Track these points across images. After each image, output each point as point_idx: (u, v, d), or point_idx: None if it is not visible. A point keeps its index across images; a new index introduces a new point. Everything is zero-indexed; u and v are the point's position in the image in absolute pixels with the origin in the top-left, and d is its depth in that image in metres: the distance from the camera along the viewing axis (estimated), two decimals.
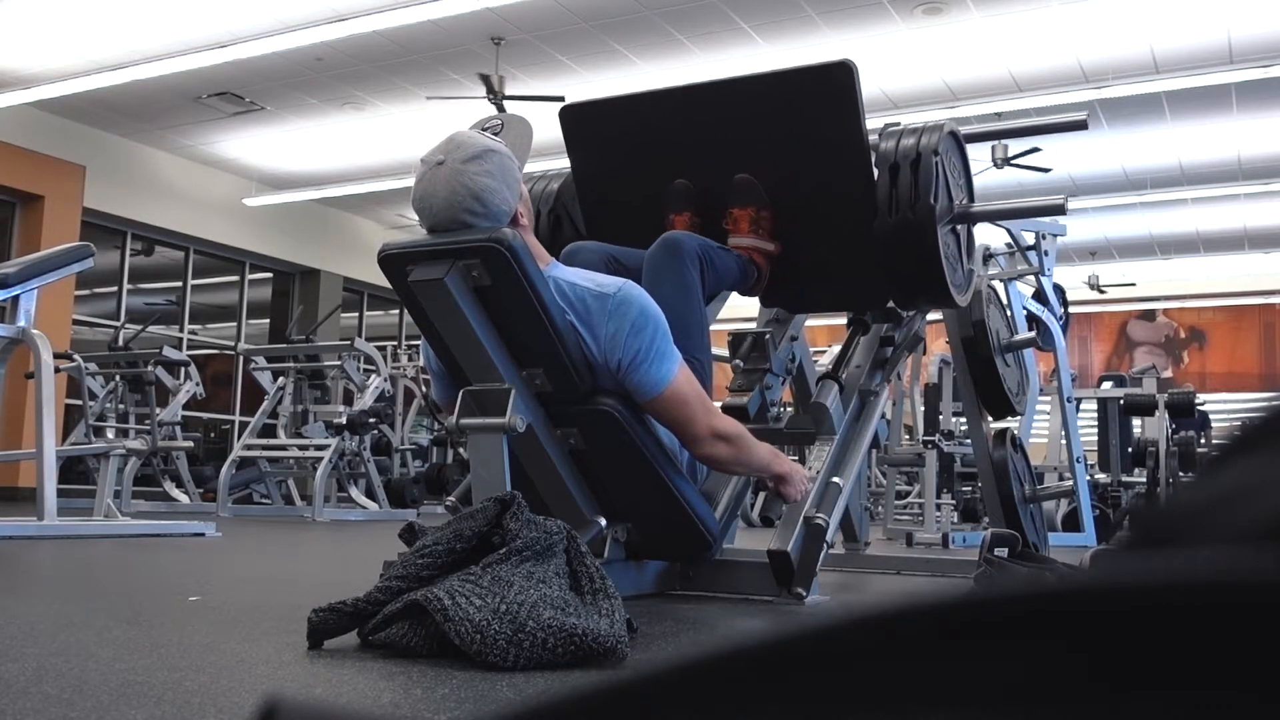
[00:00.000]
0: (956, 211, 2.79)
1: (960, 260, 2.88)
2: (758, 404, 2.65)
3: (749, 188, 2.73)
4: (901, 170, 2.62)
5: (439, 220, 2.08)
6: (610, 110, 2.90)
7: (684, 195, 2.79)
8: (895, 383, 5.82)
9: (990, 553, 2.58)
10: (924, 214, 2.59)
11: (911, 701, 0.22)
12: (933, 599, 0.22)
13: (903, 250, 2.63)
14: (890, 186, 2.62)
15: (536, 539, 1.60)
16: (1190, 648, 0.20)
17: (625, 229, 2.80)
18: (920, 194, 2.60)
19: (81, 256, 4.35)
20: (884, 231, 2.62)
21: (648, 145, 2.85)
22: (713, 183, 2.76)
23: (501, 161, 2.12)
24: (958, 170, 2.84)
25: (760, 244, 2.72)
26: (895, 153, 2.65)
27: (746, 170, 2.73)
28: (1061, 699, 0.21)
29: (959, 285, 2.82)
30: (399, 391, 9.54)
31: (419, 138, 10.36)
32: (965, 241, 2.95)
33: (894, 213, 2.61)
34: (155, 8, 7.71)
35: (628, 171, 2.86)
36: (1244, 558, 0.21)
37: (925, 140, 2.65)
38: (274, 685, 1.28)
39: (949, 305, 2.85)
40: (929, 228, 2.60)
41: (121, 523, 4.49)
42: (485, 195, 2.07)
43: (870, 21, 7.73)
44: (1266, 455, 0.28)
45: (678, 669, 0.24)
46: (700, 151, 2.79)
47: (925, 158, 2.62)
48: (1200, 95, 8.88)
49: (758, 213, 2.72)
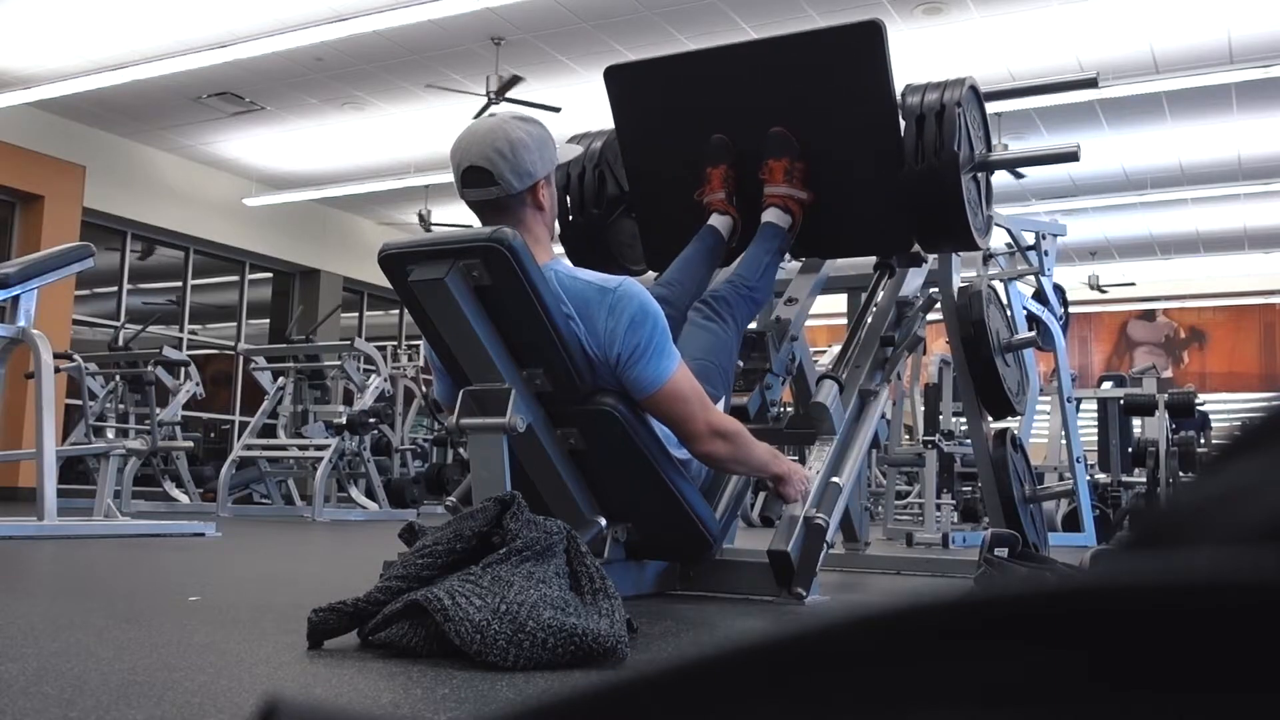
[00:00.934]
0: (977, 160, 2.96)
1: (980, 206, 3.05)
2: (758, 404, 2.66)
3: (784, 140, 2.88)
4: (927, 121, 2.78)
5: (467, 154, 2.18)
6: (652, 71, 3.07)
7: (722, 149, 2.94)
8: (895, 383, 5.81)
9: (990, 553, 2.58)
10: (948, 161, 2.76)
11: (911, 701, 0.22)
12: (933, 599, 0.22)
13: (929, 196, 2.79)
14: (917, 137, 2.79)
15: (536, 539, 1.60)
16: (1190, 648, 0.21)
17: (666, 183, 3.02)
18: (945, 143, 2.76)
19: (81, 256, 4.35)
20: (911, 179, 2.79)
21: (687, 103, 3.00)
22: (750, 137, 2.92)
23: (543, 134, 2.24)
24: (977, 122, 3.01)
25: (795, 192, 2.87)
26: (921, 105, 2.81)
27: (781, 124, 2.88)
28: (1061, 699, 0.21)
29: (980, 229, 2.99)
30: (399, 391, 9.53)
31: (419, 138, 10.36)
32: (984, 189, 3.12)
33: (920, 161, 2.78)
34: (155, 8, 7.71)
35: (668, 128, 3.02)
36: (1244, 558, 0.21)
37: (948, 94, 2.82)
38: (274, 685, 1.28)
39: (971, 248, 3.02)
40: (953, 174, 2.77)
41: (121, 523, 4.49)
42: (518, 147, 2.17)
43: None
44: (1266, 455, 0.28)
45: (678, 669, 0.24)
46: (737, 108, 2.94)
47: (949, 109, 2.78)
48: (1200, 95, 8.87)
49: (792, 164, 2.87)
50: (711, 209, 2.90)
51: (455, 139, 2.24)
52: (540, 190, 2.23)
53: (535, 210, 2.24)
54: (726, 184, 2.91)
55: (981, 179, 3.08)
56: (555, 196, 2.34)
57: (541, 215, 2.26)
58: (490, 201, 2.21)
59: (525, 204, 2.22)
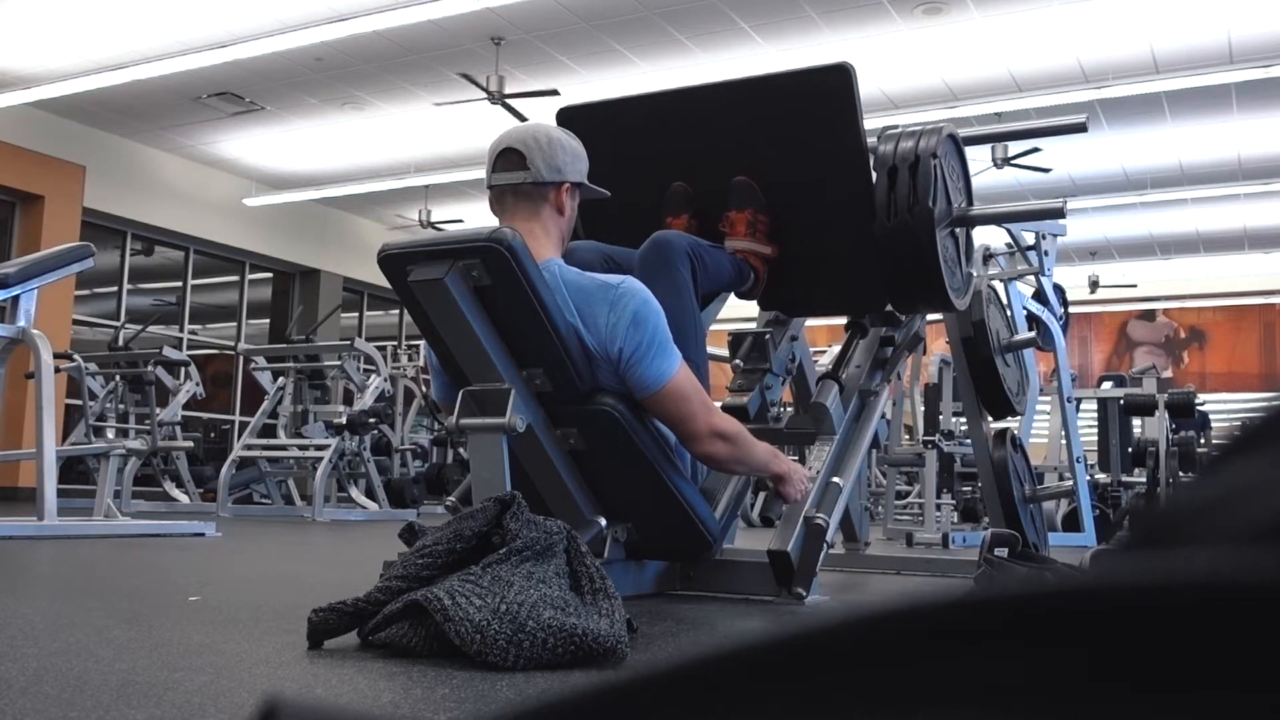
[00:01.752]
0: (955, 215, 2.77)
1: (959, 264, 2.87)
2: (758, 404, 2.65)
3: (746, 190, 2.72)
4: (900, 173, 2.60)
5: (506, 139, 2.27)
6: (608, 112, 2.90)
7: (682, 198, 2.79)
8: (895, 383, 5.81)
9: (990, 553, 2.58)
10: (922, 218, 2.58)
11: (912, 702, 0.22)
12: (932, 599, 0.22)
13: (901, 254, 2.61)
14: (888, 190, 2.61)
15: (536, 539, 1.60)
16: (1190, 648, 0.21)
17: (624, 231, 2.77)
18: (919, 197, 2.58)
19: (81, 256, 4.35)
20: (882, 235, 2.61)
21: (645, 147, 2.85)
22: (711, 185, 2.75)
23: (580, 149, 2.33)
24: (956, 173, 2.83)
25: (757, 247, 2.72)
26: (894, 155, 2.63)
27: (744, 173, 2.73)
28: (1061, 699, 0.21)
29: (957, 289, 2.81)
30: (399, 391, 9.54)
31: (419, 138, 10.36)
32: (964, 245, 2.94)
33: (892, 216, 2.59)
34: (155, 8, 7.71)
35: (626, 174, 2.83)
36: (1244, 558, 0.21)
37: (924, 143, 2.63)
38: (274, 685, 1.28)
39: (947, 309, 2.84)
40: (927, 232, 2.58)
41: (121, 523, 4.49)
42: (555, 144, 2.25)
43: (870, 21, 7.73)
44: (1266, 455, 0.28)
45: (678, 669, 0.24)
46: (698, 154, 2.79)
47: (924, 161, 2.60)
48: (1200, 95, 8.87)
49: (755, 215, 2.71)
50: None
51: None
52: (563, 194, 2.26)
53: (555, 211, 2.26)
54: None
55: (960, 234, 2.88)
56: (575, 213, 2.34)
57: (558, 220, 2.28)
58: (514, 187, 2.24)
59: (548, 200, 2.25)
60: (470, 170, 10.96)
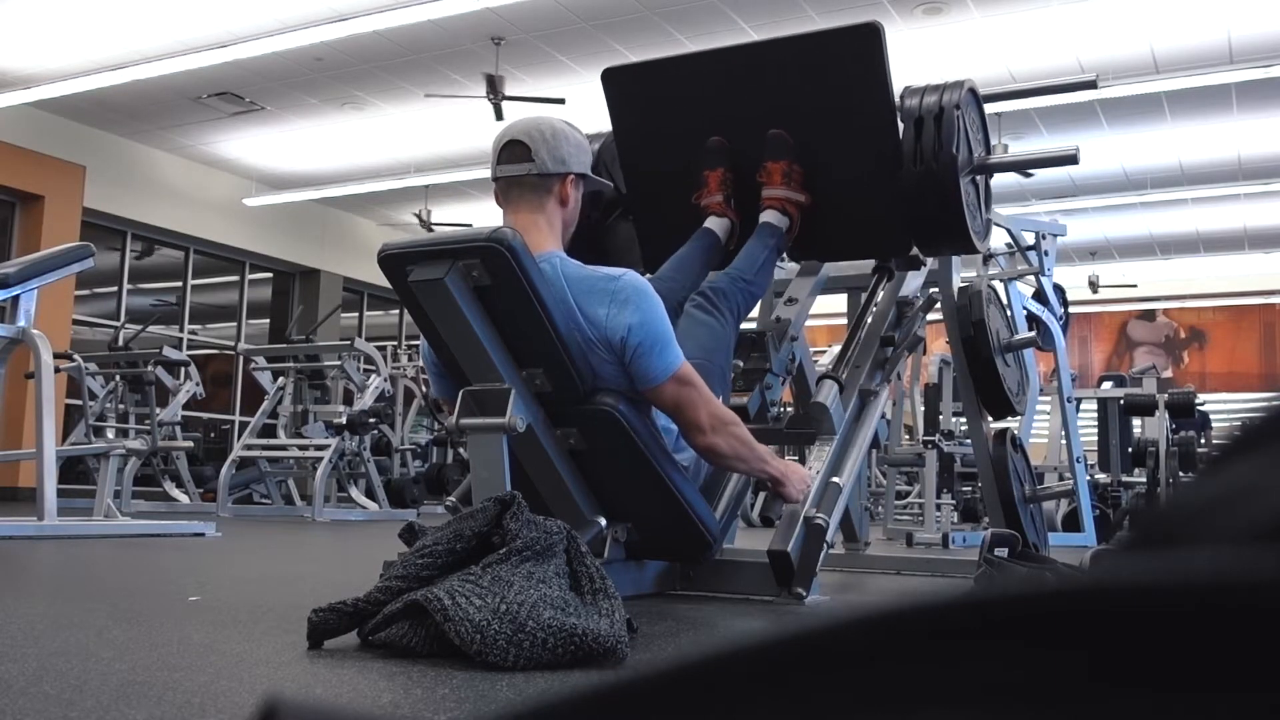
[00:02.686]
0: (976, 163, 2.94)
1: (979, 209, 3.03)
2: (758, 404, 2.66)
3: (781, 142, 2.87)
4: (925, 124, 2.76)
5: (510, 131, 2.29)
6: (649, 73, 3.05)
7: (719, 152, 2.93)
8: (895, 383, 5.81)
9: (990, 553, 2.58)
10: (947, 164, 2.74)
11: (912, 702, 0.22)
12: (932, 599, 0.22)
13: (927, 199, 2.77)
14: (915, 140, 2.77)
15: (536, 539, 1.60)
16: (1190, 648, 0.21)
17: (664, 186, 3.00)
18: (943, 146, 2.74)
19: (81, 256, 4.35)
20: (910, 182, 2.77)
21: (685, 106, 2.98)
22: (747, 139, 2.90)
23: (584, 140, 2.36)
24: (976, 125, 2.99)
25: (792, 195, 2.86)
26: (920, 108, 2.79)
27: (779, 127, 2.87)
28: (1061, 699, 0.21)
29: (978, 232, 2.97)
30: (399, 391, 9.53)
31: (419, 138, 10.36)
32: (983, 192, 3.09)
33: (919, 164, 2.76)
34: (155, 8, 7.71)
35: (666, 131, 3.00)
36: (1244, 558, 0.21)
37: (947, 96, 2.80)
38: (274, 685, 1.28)
39: (970, 250, 3.00)
40: (952, 177, 2.75)
41: (121, 523, 4.49)
42: (559, 135, 2.27)
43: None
44: (1266, 455, 0.28)
45: (678, 669, 0.24)
46: (735, 110, 2.93)
47: (948, 112, 2.76)
48: (1200, 95, 8.87)
49: (790, 166, 2.86)
50: (709, 211, 2.90)
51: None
52: (568, 185, 2.29)
53: (558, 203, 2.28)
54: (724, 187, 2.91)
55: (980, 182, 3.07)
56: (579, 204, 2.35)
57: (562, 211, 2.30)
58: (519, 179, 2.26)
59: (551, 191, 2.27)
60: (470, 170, 10.95)
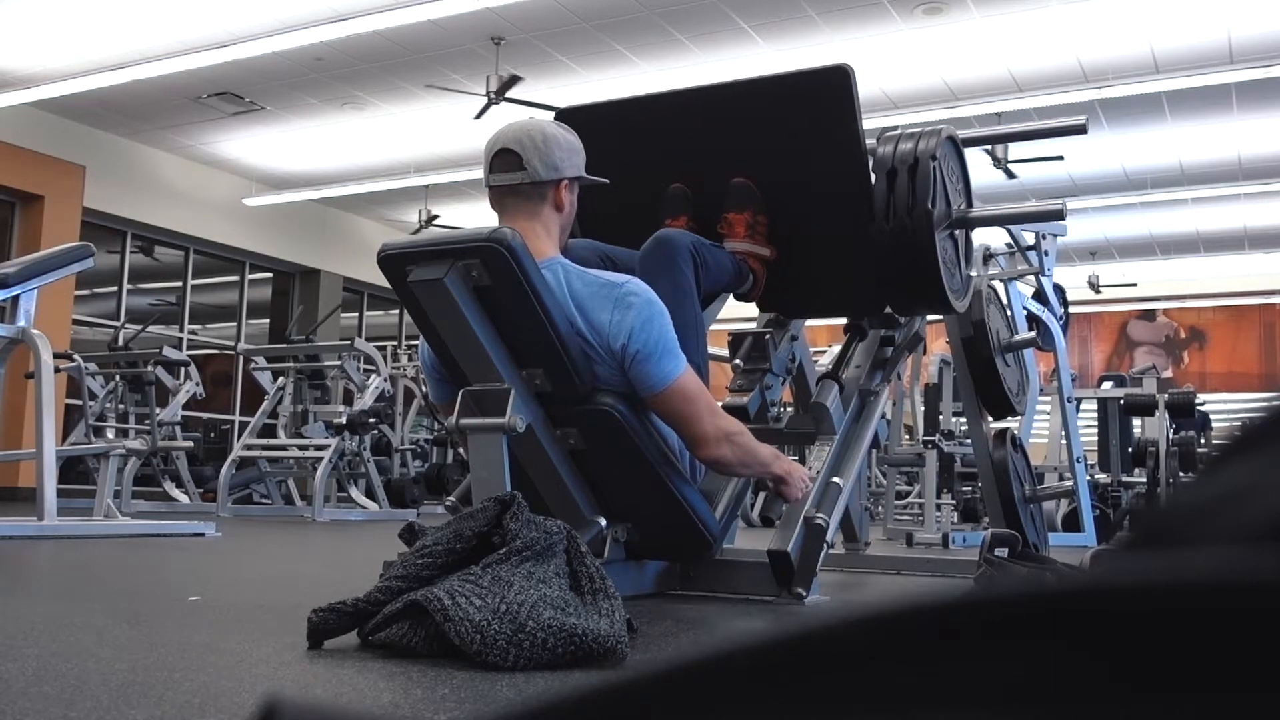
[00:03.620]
0: (954, 217, 2.77)
1: (958, 266, 2.87)
2: (758, 404, 2.65)
3: (745, 191, 2.72)
4: (899, 175, 2.60)
5: (500, 138, 2.25)
6: (606, 114, 2.89)
7: (680, 199, 2.79)
8: (895, 383, 5.81)
9: (990, 553, 2.58)
10: (921, 220, 2.57)
11: (912, 702, 0.22)
12: (933, 599, 0.22)
13: (900, 256, 2.61)
14: (887, 192, 2.60)
15: (536, 539, 1.60)
16: (1191, 648, 0.20)
17: (623, 233, 2.76)
18: (918, 199, 2.57)
19: (81, 256, 4.35)
20: (881, 237, 2.60)
21: (644, 149, 2.85)
22: (710, 186, 2.75)
23: (577, 143, 2.31)
24: (956, 175, 2.83)
25: (756, 249, 2.72)
26: (893, 157, 2.62)
27: (744, 174, 2.73)
28: (1062, 699, 0.21)
29: (956, 291, 2.80)
30: (399, 391, 9.53)
31: (419, 138, 10.36)
32: (963, 247, 2.93)
33: (891, 218, 2.59)
34: (155, 8, 7.71)
35: (625, 175, 2.81)
36: (1244, 558, 0.21)
37: (923, 145, 2.63)
38: (274, 685, 1.28)
39: (946, 311, 2.84)
40: (926, 234, 2.58)
41: (121, 523, 4.49)
42: (550, 141, 2.23)
43: (870, 21, 7.73)
44: (1266, 455, 0.28)
45: (678, 669, 0.24)
46: (697, 155, 2.79)
47: (923, 163, 2.59)
48: (1200, 95, 8.87)
49: (754, 217, 2.72)
50: None
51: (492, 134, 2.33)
52: (562, 190, 2.26)
53: (553, 209, 2.26)
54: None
55: (959, 236, 2.89)
56: (575, 207, 2.33)
57: (558, 216, 2.28)
58: (513, 188, 2.23)
59: (545, 198, 2.25)
60: (470, 170, 10.95)
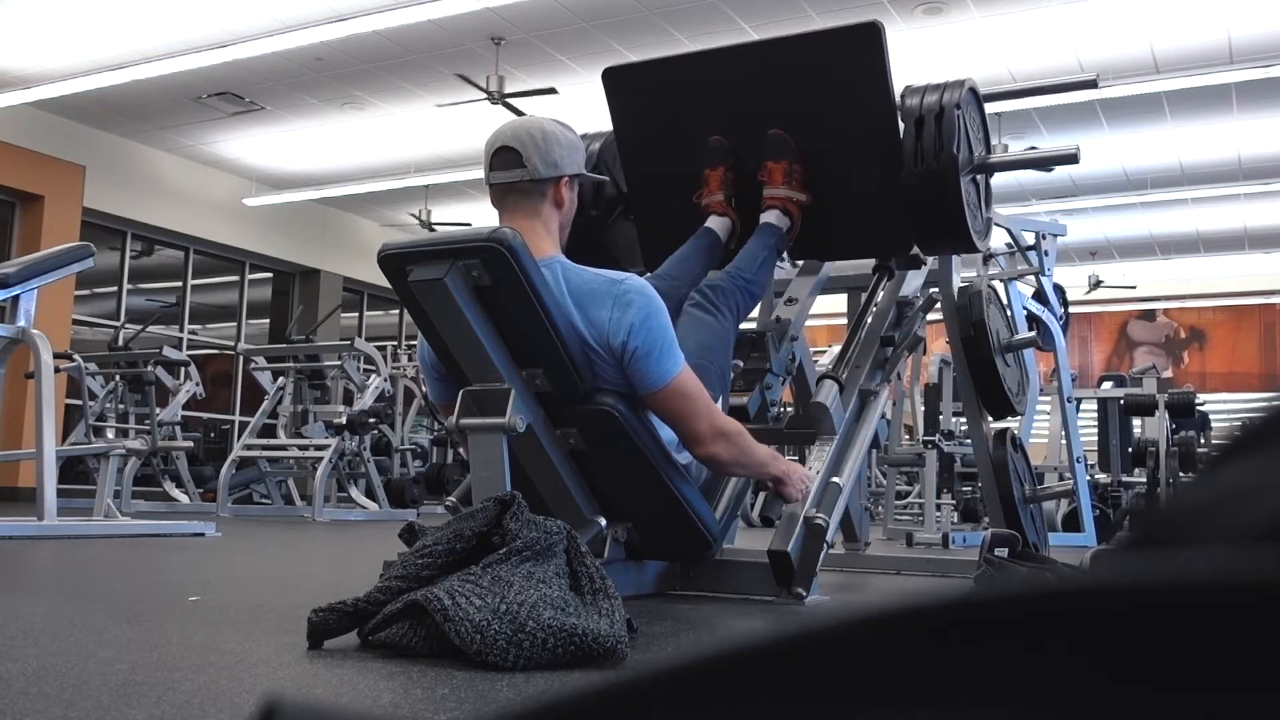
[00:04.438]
0: (976, 162, 2.95)
1: (980, 208, 3.03)
2: (758, 404, 2.66)
3: (782, 142, 2.88)
4: (926, 124, 2.77)
5: (500, 136, 2.26)
6: (650, 72, 3.05)
7: (720, 151, 2.94)
8: (895, 383, 5.81)
9: (990, 553, 2.58)
10: (948, 164, 2.74)
11: (912, 702, 0.22)
12: (933, 599, 0.22)
13: (928, 199, 2.77)
14: (916, 139, 2.77)
15: (536, 539, 1.60)
16: (1190, 648, 0.20)
17: (664, 185, 3.00)
18: (944, 145, 2.74)
19: (81, 256, 4.35)
20: (910, 181, 2.77)
21: (685, 105, 2.98)
22: (748, 139, 2.91)
23: (577, 140, 2.33)
24: (976, 124, 2.99)
25: (794, 194, 2.87)
26: (920, 107, 2.79)
27: (779, 126, 2.87)
28: (1061, 699, 0.21)
29: (979, 231, 2.97)
30: (399, 391, 9.53)
31: (419, 138, 10.36)
32: (984, 191, 3.09)
33: (919, 163, 2.76)
34: (155, 8, 7.71)
35: (667, 130, 3.01)
36: (1244, 558, 0.21)
37: (948, 96, 2.80)
38: (274, 685, 1.28)
39: (970, 250, 3.00)
40: (953, 177, 2.75)
41: (121, 523, 4.49)
42: (550, 138, 2.25)
43: None
44: (1266, 455, 0.28)
45: (678, 669, 0.24)
46: (736, 110, 2.93)
47: (948, 112, 2.76)
48: (1200, 95, 8.87)
49: (790, 165, 2.87)
50: (710, 211, 2.90)
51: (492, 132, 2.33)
52: (562, 187, 2.27)
53: (554, 206, 2.28)
54: (725, 186, 2.91)
55: (981, 181, 3.07)
56: (575, 204, 2.35)
57: (558, 213, 2.29)
58: (513, 185, 2.24)
59: (545, 196, 2.26)
60: (470, 170, 10.95)
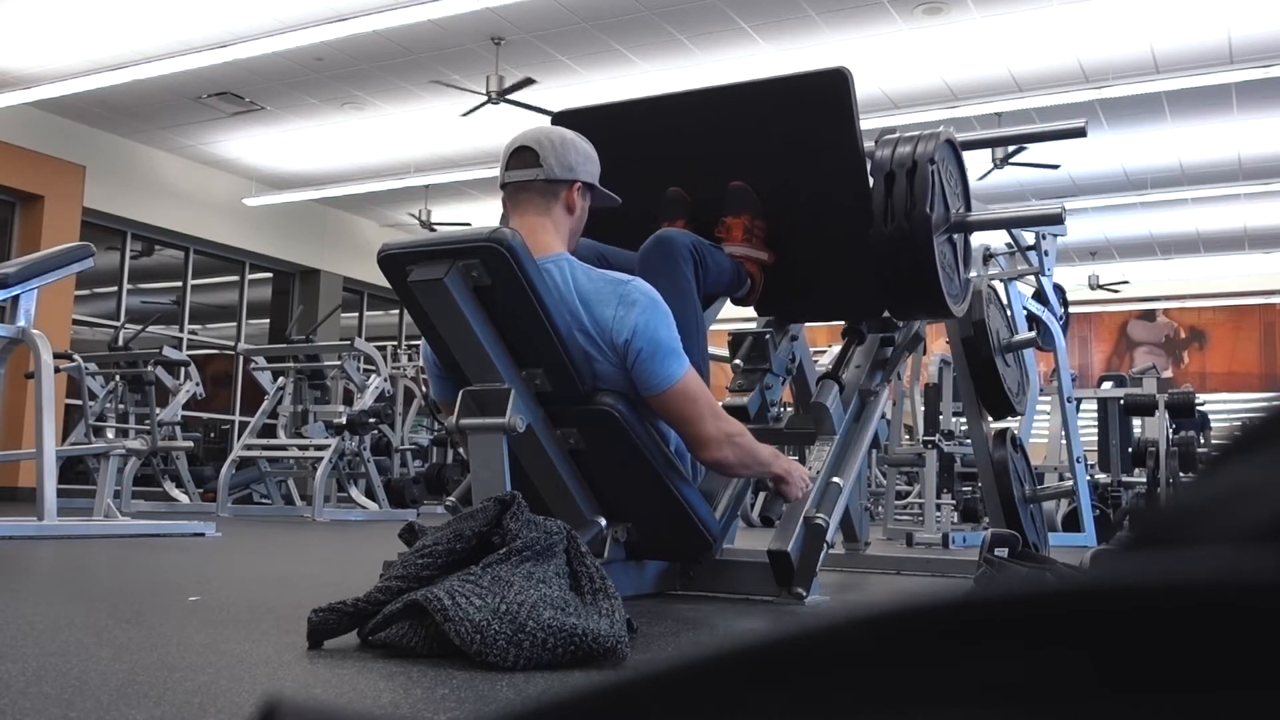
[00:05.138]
0: (953, 220, 2.75)
1: (957, 270, 2.85)
2: (758, 404, 2.65)
3: (743, 195, 2.71)
4: (897, 179, 2.58)
5: (520, 138, 2.30)
6: (604, 117, 2.87)
7: (678, 203, 2.78)
8: (895, 383, 5.81)
9: (990, 553, 2.57)
10: (920, 223, 2.55)
11: (912, 702, 0.22)
12: (933, 599, 0.22)
13: (898, 261, 2.59)
14: (885, 195, 2.58)
15: (536, 539, 1.60)
16: (1190, 648, 0.20)
17: (620, 237, 2.74)
18: (916, 203, 2.56)
19: (81, 256, 4.35)
20: (879, 241, 2.59)
21: (642, 152, 2.83)
22: (707, 190, 2.74)
23: (593, 152, 2.34)
24: (954, 178, 2.81)
25: (754, 253, 2.71)
26: (891, 161, 2.60)
27: (741, 178, 2.72)
28: (1062, 699, 0.21)
29: (955, 295, 2.78)
30: (399, 391, 9.53)
31: (419, 138, 10.36)
32: (962, 250, 2.92)
33: (889, 222, 2.57)
34: (155, 8, 7.71)
35: (622, 179, 2.78)
36: (1244, 558, 0.21)
37: (921, 148, 2.61)
38: (274, 685, 1.28)
39: (945, 316, 2.82)
40: (925, 238, 2.56)
41: (121, 523, 4.49)
42: (568, 144, 2.28)
43: (870, 21, 7.73)
44: (1266, 455, 0.28)
45: (678, 669, 0.24)
46: (695, 158, 2.77)
47: (921, 166, 2.58)
48: (1200, 95, 8.87)
49: (751, 221, 2.71)
50: None
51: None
52: (574, 193, 2.28)
53: (565, 210, 2.28)
54: None
55: (958, 240, 2.87)
56: (585, 214, 2.34)
57: (569, 217, 2.29)
58: (526, 184, 2.25)
59: (558, 198, 2.27)
60: (470, 170, 10.95)
